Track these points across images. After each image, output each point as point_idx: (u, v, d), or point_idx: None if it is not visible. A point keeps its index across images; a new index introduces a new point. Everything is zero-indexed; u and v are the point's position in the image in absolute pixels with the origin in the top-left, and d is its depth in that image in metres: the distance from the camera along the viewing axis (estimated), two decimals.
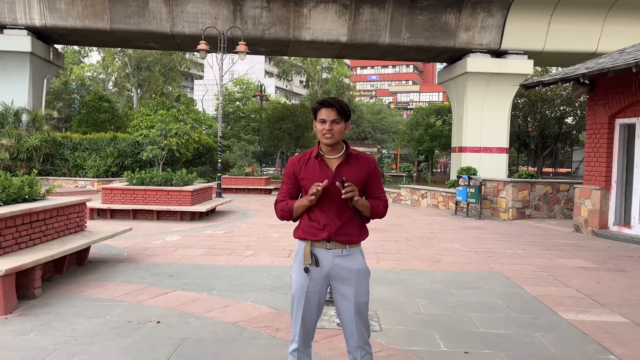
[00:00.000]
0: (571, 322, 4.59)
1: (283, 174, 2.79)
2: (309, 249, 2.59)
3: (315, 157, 2.62)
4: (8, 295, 4.47)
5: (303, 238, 2.63)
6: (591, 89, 10.77)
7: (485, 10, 21.81)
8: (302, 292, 2.60)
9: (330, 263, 2.58)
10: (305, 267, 2.58)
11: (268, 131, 34.06)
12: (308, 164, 2.63)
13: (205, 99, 52.86)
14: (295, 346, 2.65)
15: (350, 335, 2.63)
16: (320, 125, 2.55)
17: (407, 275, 6.34)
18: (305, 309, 2.60)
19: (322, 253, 2.58)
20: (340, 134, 2.56)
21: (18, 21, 20.79)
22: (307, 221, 2.61)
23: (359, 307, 2.58)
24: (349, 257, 2.60)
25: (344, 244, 2.58)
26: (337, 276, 2.59)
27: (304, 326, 2.63)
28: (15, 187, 5.48)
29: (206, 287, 5.49)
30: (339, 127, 2.54)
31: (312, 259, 2.57)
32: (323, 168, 2.59)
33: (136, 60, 41.48)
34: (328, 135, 2.53)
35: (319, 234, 2.57)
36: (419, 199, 17.08)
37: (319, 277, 2.59)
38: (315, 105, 2.59)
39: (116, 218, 11.49)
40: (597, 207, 10.40)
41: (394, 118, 64.01)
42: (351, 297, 2.57)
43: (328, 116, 2.52)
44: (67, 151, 22.25)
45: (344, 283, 2.58)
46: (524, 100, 32.86)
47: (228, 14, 21.47)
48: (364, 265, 2.64)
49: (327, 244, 2.57)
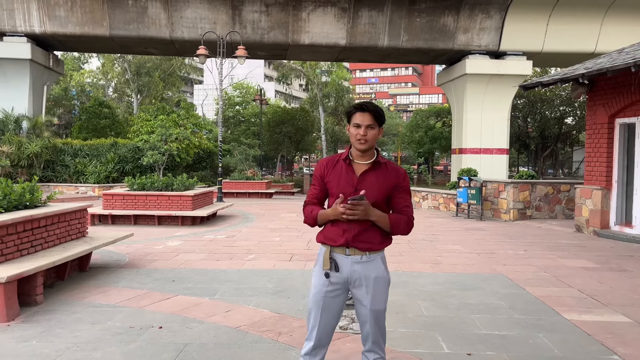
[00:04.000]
0: (574, 323, 4.58)
1: (312, 175, 2.77)
2: (329, 254, 2.57)
3: (344, 160, 2.59)
4: (10, 302, 4.47)
5: (323, 242, 2.62)
6: (590, 89, 10.78)
7: (484, 12, 21.85)
8: (320, 296, 2.58)
9: (349, 269, 2.55)
10: (326, 272, 2.56)
11: (268, 135, 34.12)
12: (335, 167, 2.60)
13: (205, 103, 52.90)
14: (308, 349, 2.63)
15: (365, 338, 2.63)
16: (355, 129, 2.50)
17: (409, 277, 6.34)
18: (323, 313, 2.58)
19: (342, 258, 2.56)
20: (374, 139, 2.52)
21: (18, 28, 20.85)
22: (329, 226, 2.59)
23: (375, 314, 2.56)
24: (369, 264, 2.56)
25: (364, 251, 2.54)
26: (355, 282, 2.56)
27: (319, 331, 2.60)
28: (16, 193, 5.48)
29: (208, 292, 5.49)
30: (373, 132, 2.50)
31: (331, 264, 2.56)
32: (349, 173, 2.55)
33: (136, 66, 41.58)
34: (362, 140, 2.49)
35: (337, 239, 2.54)
36: (420, 200, 17.07)
37: (338, 282, 2.57)
38: (350, 109, 2.55)
39: (117, 224, 11.49)
40: (598, 207, 10.39)
41: (393, 120, 64.09)
42: (367, 303, 2.54)
43: (363, 121, 2.48)
44: (67, 157, 22.26)
45: (362, 289, 2.56)
46: (524, 101, 32.90)
47: (227, 18, 21.52)
48: (384, 273, 2.59)
49: (347, 249, 2.54)
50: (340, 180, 2.55)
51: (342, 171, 2.57)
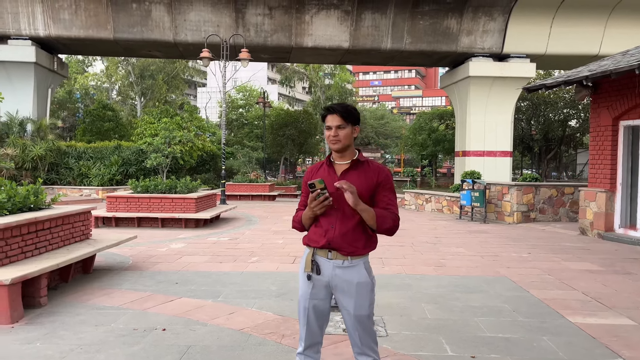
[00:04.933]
0: (578, 326, 4.56)
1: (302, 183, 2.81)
2: (311, 256, 2.59)
3: (326, 163, 2.66)
4: (14, 304, 4.48)
5: (307, 244, 2.64)
6: (594, 91, 10.75)
7: (487, 15, 21.83)
8: (305, 298, 2.61)
9: (330, 273, 2.56)
10: (308, 274, 2.58)
11: (271, 137, 34.15)
12: (319, 171, 2.66)
13: (209, 106, 53.04)
14: (301, 349, 2.68)
15: (353, 343, 2.65)
16: (327, 131, 2.58)
17: (413, 280, 6.32)
18: (309, 315, 2.61)
19: (323, 262, 2.57)
20: (347, 138, 2.55)
21: (22, 31, 20.96)
22: (312, 227, 2.63)
23: (359, 319, 2.56)
24: (351, 269, 2.55)
25: (346, 255, 2.54)
26: (337, 287, 2.57)
27: (309, 331, 2.64)
28: (20, 196, 5.50)
29: (211, 294, 5.49)
30: (344, 131, 2.54)
31: (312, 266, 2.57)
32: (330, 174, 2.60)
33: (139, 68, 41.72)
34: (334, 140, 2.55)
35: (320, 240, 2.56)
36: (423, 203, 17.05)
37: (320, 285, 2.58)
38: (322, 113, 2.62)
39: (121, 226, 11.51)
40: (602, 209, 10.35)
41: (397, 123, 64.09)
42: (351, 309, 2.55)
43: (332, 122, 2.54)
44: (71, 160, 22.33)
45: (344, 295, 2.56)
46: (527, 104, 32.82)
47: (230, 21, 21.58)
48: (366, 278, 2.57)
49: (329, 253, 2.55)
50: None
51: (324, 173, 2.61)
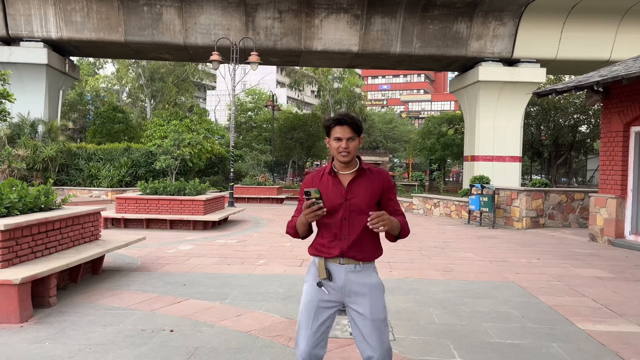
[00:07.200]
0: (588, 333, 4.51)
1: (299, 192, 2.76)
2: (324, 263, 2.55)
3: (329, 173, 2.59)
4: (24, 304, 4.52)
5: (316, 255, 2.60)
6: (605, 97, 10.68)
7: (497, 19, 21.77)
8: (313, 304, 2.56)
9: (343, 278, 2.53)
10: (319, 281, 2.55)
11: (280, 141, 34.22)
12: (321, 181, 2.59)
13: (218, 109, 53.25)
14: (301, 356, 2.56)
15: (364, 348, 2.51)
16: (336, 143, 2.50)
17: (421, 284, 6.30)
18: (314, 321, 2.55)
19: (336, 268, 2.55)
20: (356, 150, 2.52)
21: (34, 34, 21.21)
22: (319, 239, 2.59)
23: (377, 324, 2.49)
24: (362, 273, 2.54)
25: (358, 260, 2.53)
26: (350, 292, 2.53)
27: (311, 338, 2.53)
28: (31, 196, 5.55)
29: (219, 296, 5.50)
30: (354, 143, 2.50)
31: (326, 273, 2.54)
32: (336, 184, 2.54)
33: (150, 71, 42.04)
34: (344, 153, 2.49)
35: (331, 252, 2.53)
36: (432, 208, 16.99)
37: (332, 291, 2.56)
38: (328, 123, 2.53)
39: (130, 227, 11.58)
40: (612, 215, 10.25)
41: (405, 127, 64.00)
42: (367, 313, 2.49)
43: (343, 134, 2.48)
44: (81, 161, 22.52)
45: (359, 298, 2.52)
46: (537, 109, 32.65)
47: (240, 25, 21.69)
48: (378, 280, 2.58)
49: (341, 259, 2.53)
50: (328, 193, 2.52)
51: (328, 184, 2.55)
